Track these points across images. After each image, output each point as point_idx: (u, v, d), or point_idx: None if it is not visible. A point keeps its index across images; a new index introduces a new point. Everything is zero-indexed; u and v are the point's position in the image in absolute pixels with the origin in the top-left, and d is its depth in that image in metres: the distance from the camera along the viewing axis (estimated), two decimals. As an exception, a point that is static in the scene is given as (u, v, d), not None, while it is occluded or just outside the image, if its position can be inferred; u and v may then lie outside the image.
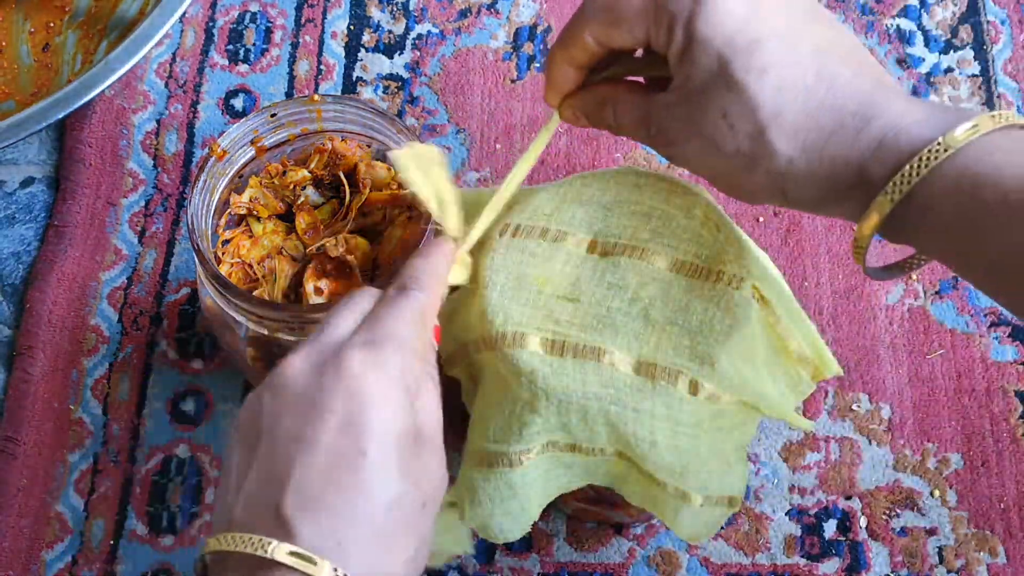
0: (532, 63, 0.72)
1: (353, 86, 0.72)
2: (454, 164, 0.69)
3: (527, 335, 0.43)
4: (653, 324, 0.43)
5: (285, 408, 0.37)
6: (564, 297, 0.44)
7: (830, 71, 0.38)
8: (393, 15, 0.74)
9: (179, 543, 0.60)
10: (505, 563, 0.59)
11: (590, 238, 0.46)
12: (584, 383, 0.42)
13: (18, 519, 0.61)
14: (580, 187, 0.47)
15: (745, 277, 0.43)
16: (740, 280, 0.43)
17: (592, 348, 0.43)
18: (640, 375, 0.42)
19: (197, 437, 0.63)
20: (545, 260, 0.45)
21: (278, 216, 0.55)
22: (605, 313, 0.43)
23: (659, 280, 0.44)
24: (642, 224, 0.46)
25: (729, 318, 0.43)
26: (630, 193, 0.47)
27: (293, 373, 0.38)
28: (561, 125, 0.49)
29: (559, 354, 0.43)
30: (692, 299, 0.43)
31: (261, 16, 0.75)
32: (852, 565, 0.58)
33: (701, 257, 0.44)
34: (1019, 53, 0.71)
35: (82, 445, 0.63)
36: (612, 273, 0.44)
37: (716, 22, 0.38)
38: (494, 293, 0.44)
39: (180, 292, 0.66)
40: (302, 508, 0.35)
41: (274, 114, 0.53)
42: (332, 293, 0.52)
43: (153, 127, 0.71)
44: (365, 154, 0.55)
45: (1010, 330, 0.63)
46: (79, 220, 0.68)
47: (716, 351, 0.42)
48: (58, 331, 0.65)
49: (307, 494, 0.35)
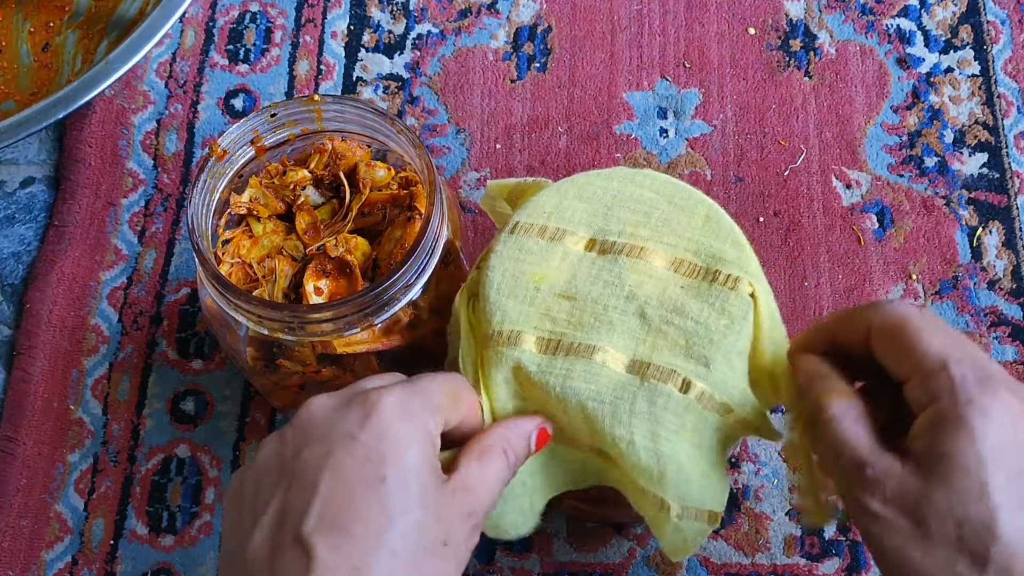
0: (532, 63, 0.72)
1: (353, 86, 0.72)
2: (454, 164, 0.69)
3: (523, 333, 0.43)
4: (649, 323, 0.43)
5: (309, 439, 0.38)
6: (561, 294, 0.44)
7: None
8: (393, 15, 0.74)
9: (179, 543, 0.60)
10: (505, 563, 0.59)
11: (589, 236, 0.46)
12: (566, 378, 0.42)
13: (18, 519, 0.61)
14: (581, 185, 0.47)
15: (742, 277, 0.43)
16: (736, 280, 0.43)
17: (587, 346, 0.43)
18: (632, 373, 0.42)
19: (197, 437, 0.63)
20: (543, 258, 0.45)
21: (278, 216, 0.55)
22: (602, 311, 0.43)
23: (656, 279, 0.44)
24: (642, 223, 0.46)
25: (725, 318, 0.43)
26: (631, 192, 0.47)
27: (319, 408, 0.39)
28: (561, 124, 0.49)
29: (552, 352, 0.43)
30: (689, 299, 0.43)
31: (261, 16, 0.75)
32: (852, 565, 0.58)
33: (700, 257, 0.44)
34: (1019, 53, 0.71)
35: (82, 445, 0.63)
36: (609, 271, 0.44)
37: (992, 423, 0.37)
38: (491, 291, 0.45)
39: (180, 292, 0.66)
40: (322, 531, 0.35)
41: (274, 114, 0.53)
42: (332, 293, 0.52)
43: (153, 127, 0.71)
44: (365, 154, 0.55)
45: (1010, 330, 0.63)
46: (79, 220, 0.68)
47: (711, 352, 0.42)
48: (58, 331, 0.65)
49: (328, 518, 0.36)
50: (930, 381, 0.38)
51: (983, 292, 0.64)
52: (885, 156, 0.68)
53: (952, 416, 0.37)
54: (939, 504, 0.37)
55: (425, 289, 0.50)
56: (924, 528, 0.37)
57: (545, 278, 0.45)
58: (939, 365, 0.38)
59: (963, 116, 0.69)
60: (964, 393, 0.38)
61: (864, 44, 0.72)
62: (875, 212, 0.66)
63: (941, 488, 0.37)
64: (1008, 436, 0.37)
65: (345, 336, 0.50)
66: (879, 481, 0.38)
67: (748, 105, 0.70)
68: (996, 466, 0.37)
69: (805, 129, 0.69)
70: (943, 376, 0.38)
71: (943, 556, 0.37)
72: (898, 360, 0.40)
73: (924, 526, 0.37)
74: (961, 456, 0.37)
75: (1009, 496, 0.37)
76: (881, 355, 0.41)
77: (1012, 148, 0.68)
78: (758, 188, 0.67)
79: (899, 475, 0.38)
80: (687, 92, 0.71)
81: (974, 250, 0.65)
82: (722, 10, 0.73)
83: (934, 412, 0.38)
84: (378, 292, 0.47)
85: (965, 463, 0.37)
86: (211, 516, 0.61)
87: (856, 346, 0.42)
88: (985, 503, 0.36)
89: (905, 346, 0.39)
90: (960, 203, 0.67)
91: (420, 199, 0.53)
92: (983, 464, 0.37)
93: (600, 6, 0.74)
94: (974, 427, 0.37)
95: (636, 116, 0.70)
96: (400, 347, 0.52)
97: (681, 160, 0.69)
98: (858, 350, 0.42)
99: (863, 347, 0.41)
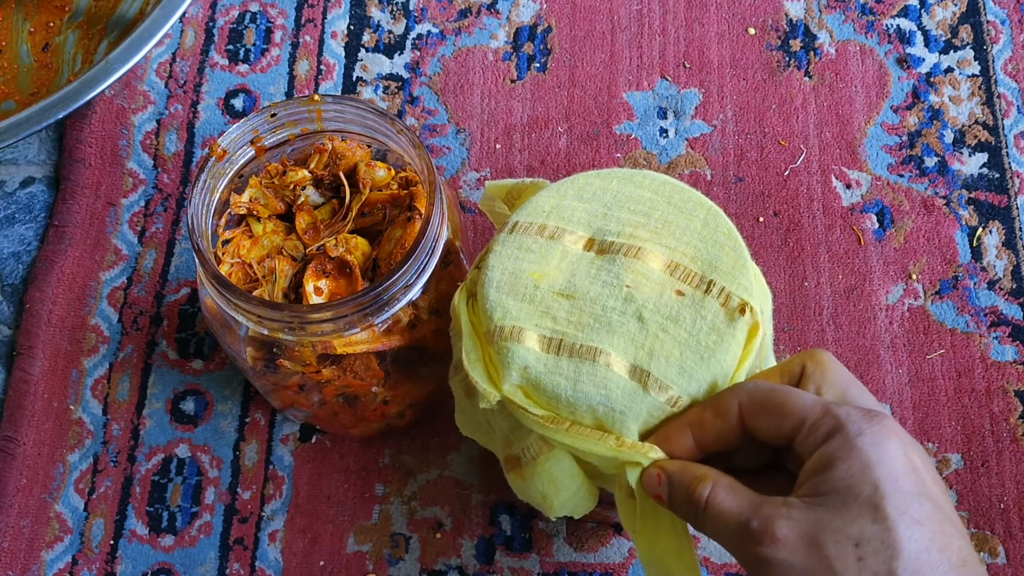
0: (532, 63, 0.72)
1: (353, 86, 0.72)
2: (454, 164, 0.69)
3: (525, 331, 0.43)
4: (647, 328, 0.43)
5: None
6: (560, 293, 0.44)
7: (973, 561, 0.37)
8: (393, 15, 0.74)
9: (179, 543, 0.60)
10: (505, 563, 0.59)
11: (588, 236, 0.46)
12: (576, 382, 0.42)
13: (18, 519, 0.61)
14: (581, 185, 0.47)
15: (734, 291, 0.43)
16: (728, 295, 0.43)
17: (589, 348, 0.43)
18: (633, 380, 0.42)
19: (197, 437, 0.63)
20: (542, 256, 0.45)
21: (278, 216, 0.55)
22: (601, 312, 0.43)
23: (653, 281, 0.44)
24: (641, 223, 0.46)
25: (715, 335, 0.43)
26: (630, 192, 0.47)
27: None
28: (561, 124, 0.49)
29: (555, 352, 0.43)
30: (684, 307, 0.43)
31: (261, 16, 0.75)
32: (852, 565, 0.58)
33: (696, 263, 0.44)
34: (1019, 53, 0.71)
35: (82, 445, 0.63)
36: (608, 271, 0.44)
37: (885, 452, 0.37)
38: (491, 289, 0.45)
39: (180, 292, 0.66)
40: None
41: (274, 114, 0.53)
42: (332, 293, 0.52)
43: (153, 127, 0.71)
44: (365, 154, 0.55)
45: (1010, 330, 0.63)
46: (79, 220, 0.68)
47: (701, 369, 0.42)
48: (58, 331, 0.65)
49: None
50: (817, 428, 0.38)
51: (983, 292, 0.64)
52: (885, 156, 0.68)
53: (843, 450, 0.37)
54: (835, 530, 0.36)
55: (425, 289, 0.50)
56: (822, 558, 0.36)
57: (544, 276, 0.45)
58: (821, 412, 0.39)
59: (963, 116, 0.69)
60: (853, 426, 0.38)
61: (864, 44, 0.72)
62: (875, 212, 0.66)
63: (836, 517, 0.37)
64: (900, 463, 0.37)
65: (345, 336, 0.50)
66: (766, 528, 0.37)
67: (748, 105, 0.70)
68: (892, 488, 0.37)
69: (805, 129, 0.69)
70: (828, 419, 0.38)
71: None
72: (778, 428, 0.40)
73: (822, 556, 0.36)
74: (855, 485, 0.37)
75: (906, 516, 0.36)
76: (760, 431, 0.40)
77: (1012, 148, 0.68)
78: (758, 188, 0.67)
79: (787, 516, 0.37)
80: (687, 92, 0.71)
81: (974, 250, 0.65)
82: (722, 10, 0.73)
83: (823, 453, 0.38)
84: (378, 292, 0.47)
85: (858, 491, 0.37)
86: (211, 516, 0.61)
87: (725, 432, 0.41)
88: (881, 522, 0.36)
89: (780, 410, 0.40)
90: (960, 203, 0.67)
91: (420, 199, 0.53)
92: (877, 488, 0.37)
93: (600, 6, 0.74)
94: (868, 456, 0.37)
95: (636, 116, 0.70)
96: (400, 347, 0.52)
97: (681, 160, 0.69)
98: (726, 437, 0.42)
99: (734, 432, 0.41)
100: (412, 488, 0.61)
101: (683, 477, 0.41)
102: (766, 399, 0.40)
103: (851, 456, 0.37)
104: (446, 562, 0.59)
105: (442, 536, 0.59)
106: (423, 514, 0.60)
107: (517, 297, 0.44)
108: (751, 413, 0.40)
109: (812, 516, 0.37)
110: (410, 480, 0.61)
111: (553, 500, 0.45)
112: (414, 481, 0.61)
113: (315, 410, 0.58)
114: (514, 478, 0.47)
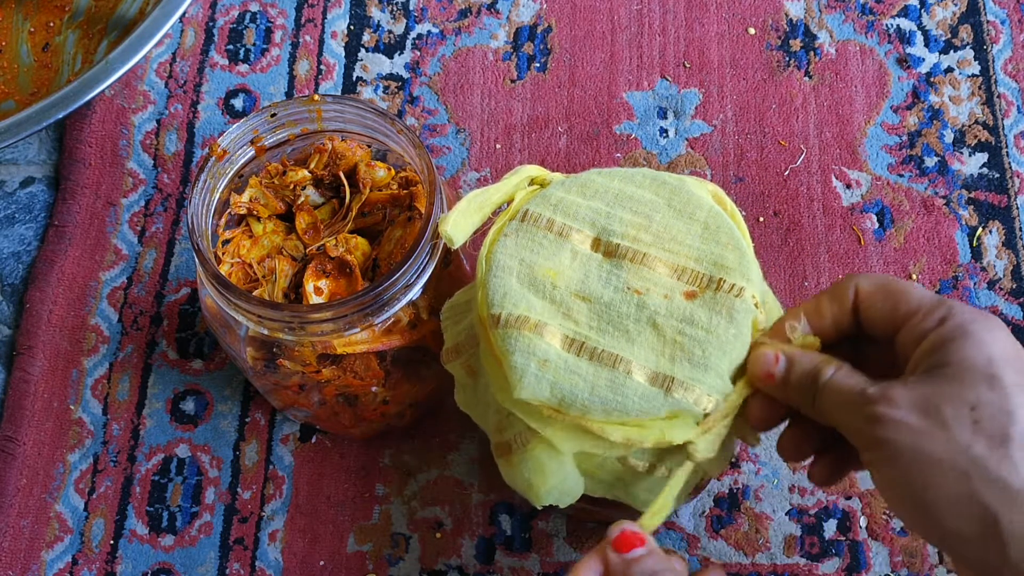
0: (532, 63, 0.72)
1: (353, 86, 0.72)
2: (454, 164, 0.69)
3: (548, 326, 0.43)
4: (663, 335, 0.43)
5: None
6: (577, 295, 0.44)
7: None
8: (393, 15, 0.74)
9: (179, 543, 0.60)
10: (505, 563, 0.59)
11: (593, 235, 0.46)
12: (594, 385, 0.42)
13: (18, 519, 0.61)
14: (584, 182, 0.48)
15: (745, 286, 0.44)
16: (740, 289, 0.44)
17: (610, 355, 0.43)
18: (655, 386, 0.42)
19: (197, 437, 0.63)
20: (553, 253, 0.45)
21: (278, 216, 0.55)
22: (617, 318, 0.44)
23: (662, 286, 0.44)
24: (643, 226, 0.46)
25: (734, 327, 0.43)
26: (631, 192, 0.47)
27: None
28: (561, 124, 0.49)
29: (576, 353, 0.43)
30: (696, 308, 0.44)
31: (261, 16, 0.75)
32: (852, 565, 0.58)
33: (702, 264, 0.45)
34: (1019, 53, 0.71)
35: (82, 445, 0.63)
36: (617, 276, 0.45)
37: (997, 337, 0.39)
38: (511, 278, 0.45)
39: (180, 292, 0.66)
40: None
41: (274, 114, 0.53)
42: (332, 293, 0.52)
43: (153, 127, 0.71)
44: (365, 154, 0.55)
45: (1010, 330, 0.63)
46: (79, 220, 0.68)
47: (723, 362, 0.43)
48: (58, 331, 0.65)
49: None
50: (932, 313, 0.40)
51: (983, 292, 0.64)
52: (885, 156, 0.68)
53: (958, 331, 0.39)
54: (952, 395, 0.38)
55: (425, 289, 0.50)
56: (938, 419, 0.38)
57: (560, 274, 0.45)
58: (936, 300, 0.41)
59: (963, 116, 0.69)
60: (967, 314, 0.40)
61: (864, 44, 0.72)
62: (875, 212, 0.66)
63: (953, 384, 0.38)
64: (1012, 346, 0.39)
65: (345, 336, 0.50)
66: (884, 392, 0.39)
67: (748, 105, 0.70)
68: (1005, 363, 0.38)
69: (805, 129, 0.69)
70: (942, 307, 0.40)
71: (961, 442, 0.37)
72: (892, 312, 0.42)
73: (938, 417, 0.38)
74: (970, 358, 0.38)
75: (1021, 388, 0.38)
76: (873, 315, 0.42)
77: (1012, 148, 0.68)
78: (758, 188, 0.67)
79: (904, 384, 0.39)
80: (687, 92, 0.71)
81: (974, 250, 0.65)
82: (722, 10, 0.73)
83: (938, 334, 0.40)
84: (378, 292, 0.47)
85: (974, 363, 0.38)
86: (211, 516, 0.61)
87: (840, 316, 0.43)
88: (999, 390, 0.38)
89: (897, 298, 0.42)
90: (960, 203, 0.67)
91: (420, 199, 0.53)
92: (993, 362, 0.38)
93: (600, 6, 0.74)
94: (981, 337, 0.39)
95: (636, 116, 0.70)
96: (400, 347, 0.52)
97: (681, 160, 0.69)
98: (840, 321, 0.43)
99: (848, 316, 0.43)
100: (412, 488, 0.61)
101: (806, 357, 0.43)
102: (885, 285, 0.42)
103: (966, 336, 0.39)
104: (446, 562, 0.59)
105: (442, 536, 0.59)
106: (423, 514, 0.60)
107: (537, 292, 0.44)
108: (868, 297, 0.42)
109: (929, 385, 0.39)
110: (410, 480, 0.61)
111: (540, 488, 0.45)
112: (414, 481, 0.61)
113: (315, 410, 0.58)
114: (503, 464, 0.47)
